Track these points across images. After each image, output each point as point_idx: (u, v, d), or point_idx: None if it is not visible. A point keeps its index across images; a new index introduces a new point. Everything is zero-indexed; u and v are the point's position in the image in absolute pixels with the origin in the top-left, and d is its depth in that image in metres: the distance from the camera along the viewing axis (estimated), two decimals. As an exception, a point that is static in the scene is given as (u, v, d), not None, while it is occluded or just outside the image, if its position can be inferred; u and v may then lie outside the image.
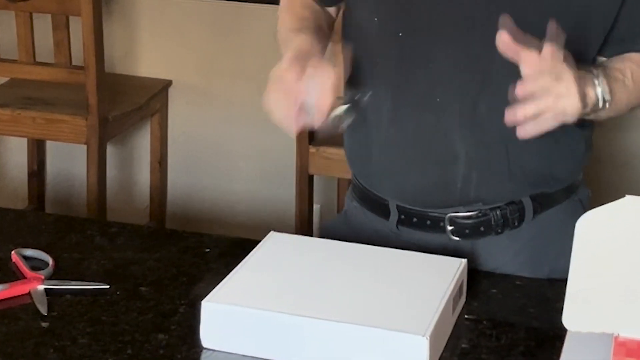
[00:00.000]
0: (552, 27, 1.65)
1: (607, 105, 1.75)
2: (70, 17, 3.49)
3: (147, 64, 4.07)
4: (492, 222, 1.93)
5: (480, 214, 1.93)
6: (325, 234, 2.06)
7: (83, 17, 3.41)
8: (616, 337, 1.39)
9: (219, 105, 4.02)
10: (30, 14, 3.49)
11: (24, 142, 4.07)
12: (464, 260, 1.74)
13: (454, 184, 1.90)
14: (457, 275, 1.69)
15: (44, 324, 1.65)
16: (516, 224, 1.94)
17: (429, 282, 1.67)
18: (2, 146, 4.26)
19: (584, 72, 1.71)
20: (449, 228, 1.94)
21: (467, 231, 1.94)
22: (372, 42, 1.91)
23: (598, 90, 1.73)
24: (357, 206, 2.06)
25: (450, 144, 1.88)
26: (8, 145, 4.24)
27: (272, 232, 1.82)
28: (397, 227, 1.97)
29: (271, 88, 1.72)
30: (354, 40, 1.94)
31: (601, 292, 1.47)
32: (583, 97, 1.68)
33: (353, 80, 1.96)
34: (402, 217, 1.96)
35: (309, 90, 1.68)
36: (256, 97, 1.75)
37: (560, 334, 1.53)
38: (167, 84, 4.00)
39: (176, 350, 1.59)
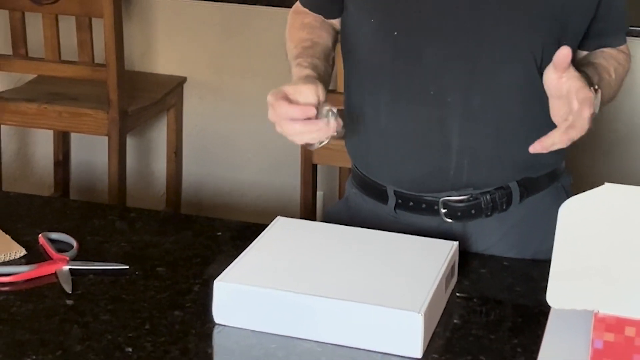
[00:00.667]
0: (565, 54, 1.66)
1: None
2: (93, 19, 3.49)
3: (163, 62, 4.07)
4: (482, 206, 1.93)
5: (471, 198, 1.93)
6: (328, 219, 2.06)
7: (105, 19, 3.41)
8: (596, 314, 1.39)
9: (229, 101, 4.02)
10: (56, 15, 3.49)
11: (50, 134, 4.07)
12: (456, 243, 1.74)
13: (447, 171, 1.90)
14: (449, 257, 1.69)
15: (69, 302, 1.65)
16: (504, 207, 1.94)
17: (423, 263, 1.67)
18: (30, 138, 4.26)
19: (592, 93, 1.71)
20: (443, 211, 1.93)
21: (459, 214, 1.94)
22: (369, 41, 1.91)
23: (596, 109, 1.74)
24: (357, 192, 2.06)
25: (443, 134, 1.88)
26: (35, 137, 4.24)
27: (278, 217, 1.82)
28: (395, 211, 1.97)
29: (270, 109, 1.73)
30: (353, 40, 1.94)
31: (582, 272, 1.47)
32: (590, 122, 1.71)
33: (353, 76, 1.96)
34: (399, 201, 1.96)
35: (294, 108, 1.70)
36: (263, 93, 1.74)
37: (544, 310, 1.53)
38: (182, 80, 3.99)
39: (190, 326, 1.58)
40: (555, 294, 1.44)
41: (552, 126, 1.79)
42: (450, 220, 1.94)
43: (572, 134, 1.67)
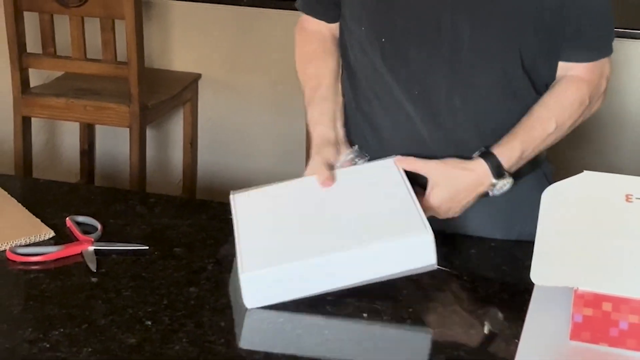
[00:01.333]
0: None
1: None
2: (116, 21, 3.48)
3: (180, 60, 4.06)
4: None
5: None
6: None
7: (126, 21, 3.41)
8: (576, 290, 1.39)
9: (240, 95, 4.02)
10: (82, 17, 3.48)
11: (76, 126, 4.07)
12: (393, 157, 1.81)
13: None
14: (400, 171, 1.76)
15: (94, 279, 1.65)
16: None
17: (387, 186, 1.73)
18: (58, 130, 4.26)
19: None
20: None
21: None
22: (361, 45, 1.91)
23: (496, 191, 1.84)
24: None
25: (428, 130, 1.88)
26: (63, 129, 4.24)
27: (232, 192, 1.83)
28: None
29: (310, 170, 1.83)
30: (348, 44, 1.95)
31: (563, 252, 1.47)
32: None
33: (348, 75, 1.96)
34: None
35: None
36: (272, 89, 1.76)
37: (528, 287, 1.53)
38: (197, 77, 3.99)
39: (205, 301, 1.59)
40: (539, 273, 1.44)
41: None
42: None
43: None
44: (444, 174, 1.80)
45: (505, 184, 1.81)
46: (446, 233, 1.89)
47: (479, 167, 1.80)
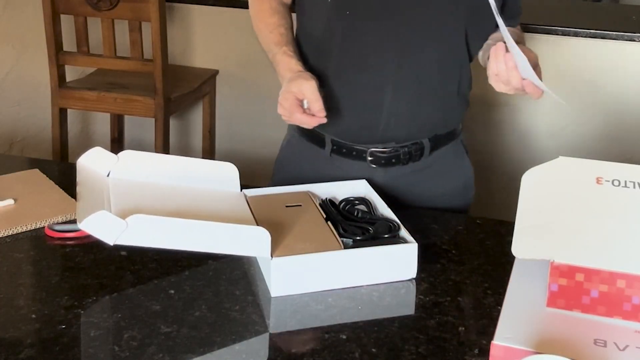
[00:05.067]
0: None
1: None
2: (143, 22, 3.48)
3: (199, 57, 4.06)
4: (401, 156, 1.97)
5: (392, 150, 1.96)
6: (279, 161, 2.19)
7: (152, 22, 3.41)
8: (552, 262, 1.39)
9: (254, 89, 4.01)
10: (112, 20, 3.48)
11: (107, 116, 4.07)
12: (231, 164, 1.82)
13: (377, 127, 1.93)
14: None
15: (123, 253, 1.65)
16: (417, 158, 1.98)
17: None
18: (91, 120, 4.26)
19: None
20: (369, 159, 1.97)
21: (382, 161, 1.97)
22: (324, 17, 1.92)
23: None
24: (296, 136, 2.08)
25: (377, 98, 1.91)
26: (95, 119, 4.24)
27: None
28: (330, 155, 2.00)
29: (280, 105, 1.85)
30: (308, 16, 1.96)
31: (541, 228, 1.47)
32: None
33: (304, 45, 1.96)
34: (334, 147, 1.99)
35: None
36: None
37: (510, 260, 1.52)
38: (215, 72, 3.99)
39: (222, 273, 1.59)
40: (519, 247, 1.43)
41: (455, 97, 1.94)
42: (374, 166, 1.97)
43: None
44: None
45: None
46: (435, 211, 1.90)
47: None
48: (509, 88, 1.72)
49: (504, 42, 1.68)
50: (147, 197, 1.64)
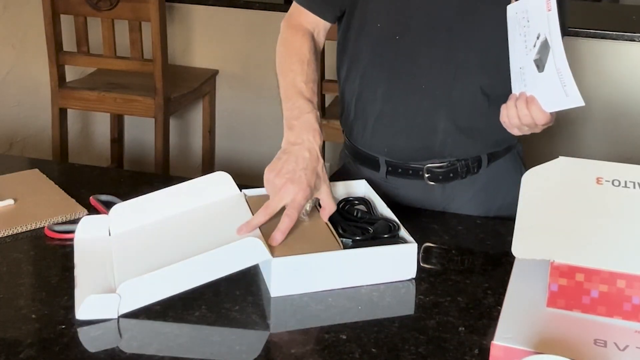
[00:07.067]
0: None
1: None
2: (142, 22, 3.48)
3: (199, 57, 4.06)
4: (459, 170, 1.93)
5: (449, 165, 1.93)
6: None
7: (152, 22, 3.41)
8: (552, 263, 1.39)
9: (253, 89, 4.02)
10: (112, 20, 3.48)
11: (107, 116, 4.07)
12: (224, 173, 1.82)
13: (432, 148, 1.90)
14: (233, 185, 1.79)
15: (123, 253, 1.64)
16: (475, 170, 1.94)
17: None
18: (91, 119, 4.26)
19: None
20: (426, 175, 1.93)
21: (440, 177, 1.93)
22: (374, 41, 1.89)
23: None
24: (350, 162, 2.05)
25: (430, 119, 1.88)
26: (95, 119, 4.24)
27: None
28: (386, 177, 1.96)
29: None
30: (356, 40, 1.92)
31: (541, 229, 1.47)
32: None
33: (353, 69, 1.94)
34: (390, 169, 1.96)
35: None
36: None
37: (510, 260, 1.52)
38: (215, 72, 3.99)
39: (221, 272, 1.59)
40: (519, 247, 1.43)
41: None
42: (432, 183, 1.94)
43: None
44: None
45: None
46: (435, 211, 1.90)
47: None
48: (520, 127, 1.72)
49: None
50: (149, 246, 1.63)
